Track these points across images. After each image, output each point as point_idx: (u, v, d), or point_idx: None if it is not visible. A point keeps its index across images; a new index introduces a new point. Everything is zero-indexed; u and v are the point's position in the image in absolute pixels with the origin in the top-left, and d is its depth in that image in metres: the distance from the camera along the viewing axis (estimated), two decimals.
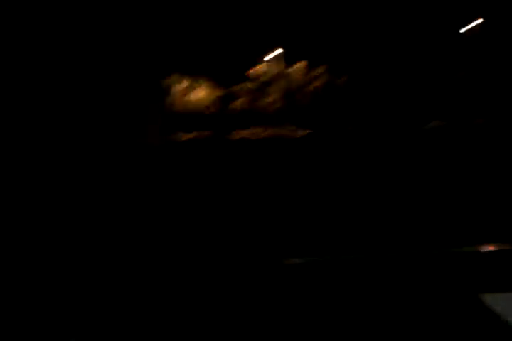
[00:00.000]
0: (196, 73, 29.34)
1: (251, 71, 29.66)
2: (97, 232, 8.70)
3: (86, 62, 31.42)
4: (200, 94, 30.44)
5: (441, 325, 4.82)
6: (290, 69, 29.76)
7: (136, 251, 7.42)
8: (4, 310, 4.59)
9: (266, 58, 29.32)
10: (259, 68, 29.78)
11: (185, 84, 30.02)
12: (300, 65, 29.50)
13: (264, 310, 4.85)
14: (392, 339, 4.49)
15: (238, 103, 29.48)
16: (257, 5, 28.14)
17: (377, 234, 8.28)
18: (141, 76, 31.78)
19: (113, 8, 32.26)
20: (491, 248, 6.93)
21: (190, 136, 28.38)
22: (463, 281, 6.00)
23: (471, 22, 26.47)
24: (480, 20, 26.71)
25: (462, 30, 27.03)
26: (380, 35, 27.33)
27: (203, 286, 5.73)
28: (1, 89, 28.23)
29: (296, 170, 18.18)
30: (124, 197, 13.70)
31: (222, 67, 28.64)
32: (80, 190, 15.06)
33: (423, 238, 7.58)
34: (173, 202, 12.39)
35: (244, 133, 27.72)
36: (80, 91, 30.67)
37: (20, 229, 8.70)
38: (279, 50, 28.94)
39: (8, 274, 5.67)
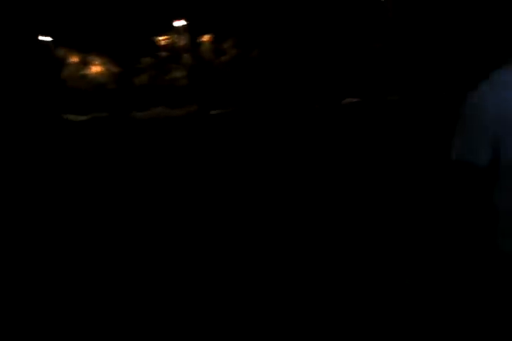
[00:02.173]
0: (87, 48, 26.38)
1: (159, 40, 27.06)
2: None
3: None
4: (96, 69, 27.59)
5: None
6: (197, 42, 27.44)
7: None
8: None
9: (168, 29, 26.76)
10: (163, 40, 27.26)
11: (75, 59, 27.05)
12: (207, 38, 27.22)
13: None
14: None
15: (140, 79, 26.89)
16: None
17: None
18: (30, 45, 28.56)
19: None
20: None
21: (84, 117, 25.56)
22: None
23: None
24: None
25: None
26: (288, 5, 25.44)
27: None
28: None
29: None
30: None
31: (116, 42, 25.85)
32: None
33: None
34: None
35: (146, 114, 25.20)
36: None
37: None
38: (182, 22, 26.49)
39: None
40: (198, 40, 27.35)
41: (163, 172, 13.17)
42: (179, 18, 26.81)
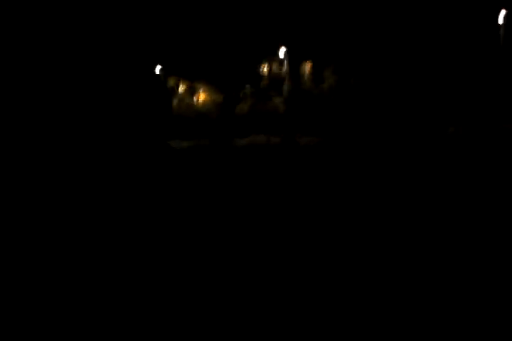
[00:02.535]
0: (194, 77, 27.80)
1: (260, 69, 27.85)
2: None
3: (89, 64, 30.43)
4: (204, 97, 28.93)
5: None
6: (298, 70, 27.88)
7: None
8: (4, 310, 4.68)
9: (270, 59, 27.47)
10: (264, 68, 28.02)
11: (184, 87, 28.56)
12: (307, 66, 27.60)
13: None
14: None
15: (241, 107, 27.81)
16: (254, 8, 26.31)
17: None
18: (146, 77, 30.62)
19: (116, 10, 31.12)
20: None
21: (187, 144, 26.89)
22: None
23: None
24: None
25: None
26: (387, 35, 25.12)
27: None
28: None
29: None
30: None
31: (219, 71, 26.97)
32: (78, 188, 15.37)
33: None
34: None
35: (246, 141, 25.98)
36: (87, 92, 29.71)
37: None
38: (283, 50, 27.09)
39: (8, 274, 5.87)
40: (298, 68, 27.78)
41: (258, 197, 13.43)
42: (280, 47, 27.44)
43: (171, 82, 29.35)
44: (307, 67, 27.45)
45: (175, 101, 29.36)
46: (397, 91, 25.71)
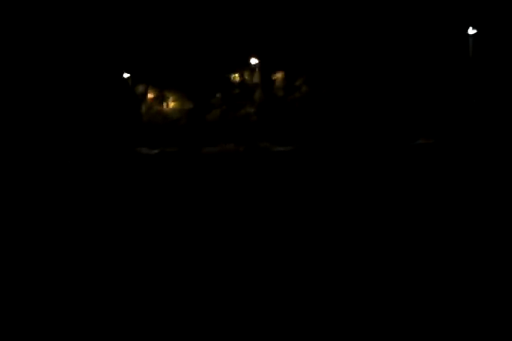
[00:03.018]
0: (163, 85, 27.36)
1: (231, 77, 27.58)
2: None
3: (57, 70, 29.89)
4: (173, 104, 28.48)
5: None
6: (269, 79, 27.67)
7: None
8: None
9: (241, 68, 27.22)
10: (236, 77, 27.76)
11: (152, 94, 28.11)
12: (279, 75, 27.42)
13: None
14: None
15: (211, 115, 27.40)
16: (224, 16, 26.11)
17: None
18: (114, 83, 30.14)
19: (86, 16, 30.73)
20: None
21: (156, 151, 26.30)
22: None
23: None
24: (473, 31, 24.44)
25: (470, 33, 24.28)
26: (358, 44, 25.11)
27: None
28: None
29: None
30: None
31: (189, 79, 26.58)
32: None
33: None
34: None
35: (215, 150, 25.49)
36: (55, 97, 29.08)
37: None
38: (255, 60, 26.89)
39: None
40: (270, 78, 27.59)
41: (225, 204, 13.06)
42: (252, 56, 27.25)
43: (140, 89, 28.89)
44: (279, 76, 27.30)
45: (143, 109, 28.85)
46: (368, 100, 25.64)
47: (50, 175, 22.23)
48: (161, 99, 28.78)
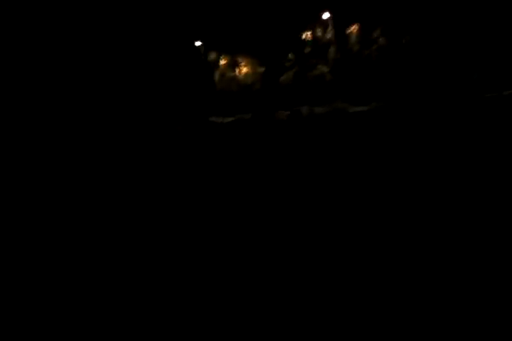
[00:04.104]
0: (234, 50, 26.41)
1: (302, 35, 26.04)
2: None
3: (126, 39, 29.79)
4: (245, 70, 27.51)
5: None
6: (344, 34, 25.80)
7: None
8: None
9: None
10: (307, 36, 26.16)
11: (224, 61, 27.26)
12: (354, 29, 25.46)
13: None
14: None
15: (285, 78, 26.17)
16: None
17: None
18: (186, 51, 29.64)
19: None
20: None
21: (230, 119, 25.65)
22: None
23: None
24: None
25: None
26: None
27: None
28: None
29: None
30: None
31: (259, 41, 25.39)
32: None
33: None
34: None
35: (287, 114, 24.36)
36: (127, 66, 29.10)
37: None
38: (326, 14, 25.09)
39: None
40: (344, 32, 25.74)
41: (304, 173, 12.62)
42: (323, 11, 25.48)
43: (212, 56, 28.14)
44: (354, 29, 25.36)
45: (217, 77, 28.14)
46: (452, 49, 23.20)
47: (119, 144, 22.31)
48: (233, 65, 27.88)
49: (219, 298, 4.87)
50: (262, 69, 26.67)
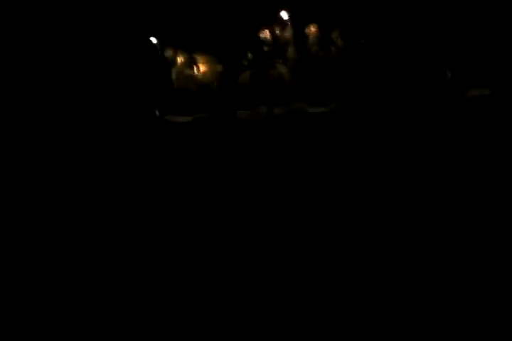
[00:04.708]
0: (191, 48, 25.91)
1: (263, 34, 25.80)
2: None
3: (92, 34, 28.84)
4: (203, 68, 27.05)
5: None
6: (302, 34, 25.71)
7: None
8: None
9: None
10: (265, 35, 25.93)
11: (181, 58, 26.71)
12: (312, 29, 25.38)
13: None
14: None
15: (243, 77, 25.88)
16: None
17: None
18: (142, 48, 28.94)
19: None
20: None
21: (188, 119, 25.24)
22: None
23: None
24: None
25: None
26: None
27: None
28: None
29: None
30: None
31: (217, 39, 25.02)
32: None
33: None
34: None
35: (249, 114, 24.18)
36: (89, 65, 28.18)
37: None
38: (285, 14, 24.93)
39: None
40: (303, 32, 25.65)
41: (264, 172, 12.69)
42: (282, 10, 25.31)
43: (168, 53, 27.55)
44: (312, 29, 25.28)
45: (174, 75, 27.59)
46: (412, 52, 23.47)
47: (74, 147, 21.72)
48: (191, 62, 27.38)
49: (217, 296, 4.94)
50: (220, 68, 26.29)
